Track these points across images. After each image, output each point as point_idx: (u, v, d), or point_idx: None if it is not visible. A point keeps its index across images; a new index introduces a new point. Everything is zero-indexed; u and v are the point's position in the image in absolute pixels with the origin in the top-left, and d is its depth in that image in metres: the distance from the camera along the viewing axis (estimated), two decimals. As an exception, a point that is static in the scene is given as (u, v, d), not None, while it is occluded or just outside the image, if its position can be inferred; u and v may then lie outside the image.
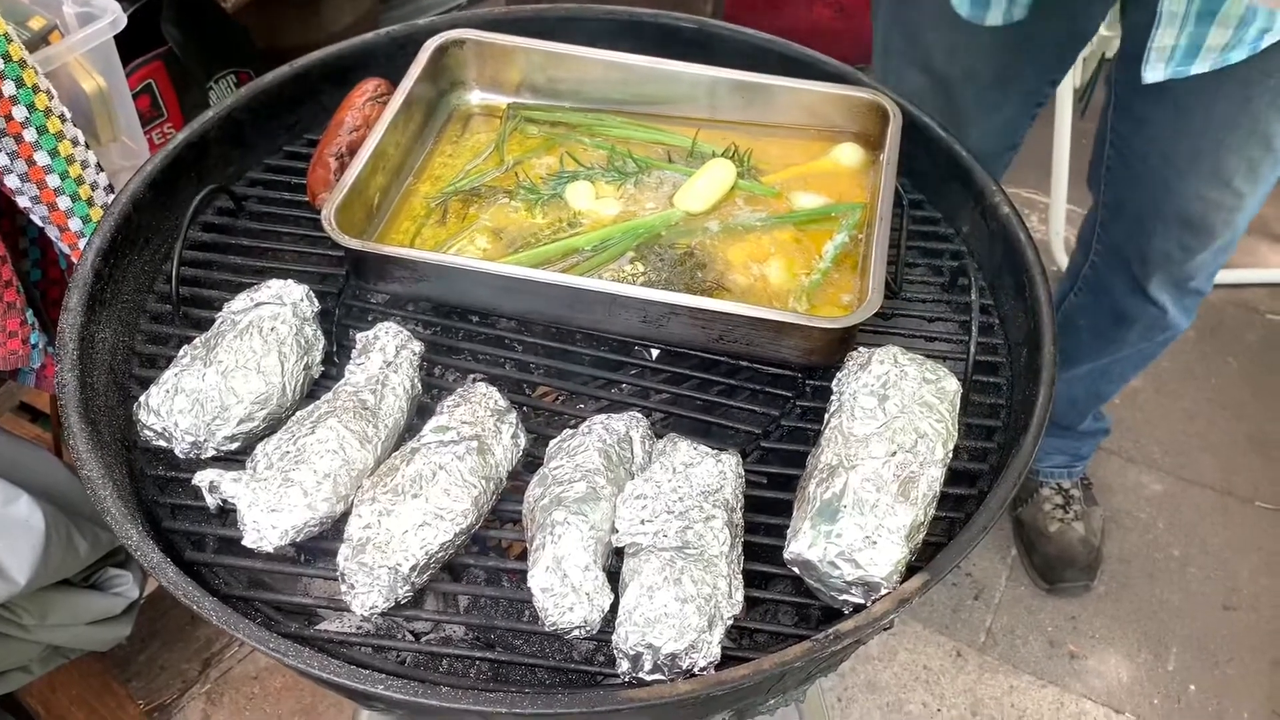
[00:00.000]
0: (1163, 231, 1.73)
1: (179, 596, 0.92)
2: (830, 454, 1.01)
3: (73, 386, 1.07)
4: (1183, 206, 1.67)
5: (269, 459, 0.99)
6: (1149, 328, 1.92)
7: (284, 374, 1.08)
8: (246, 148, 1.40)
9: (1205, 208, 1.66)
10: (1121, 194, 1.79)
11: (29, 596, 1.39)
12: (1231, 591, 2.33)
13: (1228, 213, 1.66)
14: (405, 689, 0.87)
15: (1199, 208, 1.66)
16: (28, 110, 1.27)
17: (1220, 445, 2.60)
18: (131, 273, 1.24)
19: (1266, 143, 1.53)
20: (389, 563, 0.93)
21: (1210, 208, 1.65)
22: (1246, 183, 1.61)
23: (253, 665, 2.19)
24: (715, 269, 1.24)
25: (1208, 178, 1.62)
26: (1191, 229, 1.70)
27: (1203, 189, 1.63)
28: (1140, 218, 1.76)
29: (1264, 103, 1.47)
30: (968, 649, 2.24)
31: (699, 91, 1.39)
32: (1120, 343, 1.98)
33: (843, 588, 0.95)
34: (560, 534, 0.93)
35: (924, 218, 1.38)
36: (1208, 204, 1.65)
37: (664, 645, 0.89)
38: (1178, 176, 1.64)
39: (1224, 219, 1.67)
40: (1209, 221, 1.68)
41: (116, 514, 0.97)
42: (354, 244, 1.15)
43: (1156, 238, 1.75)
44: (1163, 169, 1.65)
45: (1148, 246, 1.77)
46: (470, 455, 1.00)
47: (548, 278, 1.15)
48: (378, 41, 1.48)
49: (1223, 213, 1.66)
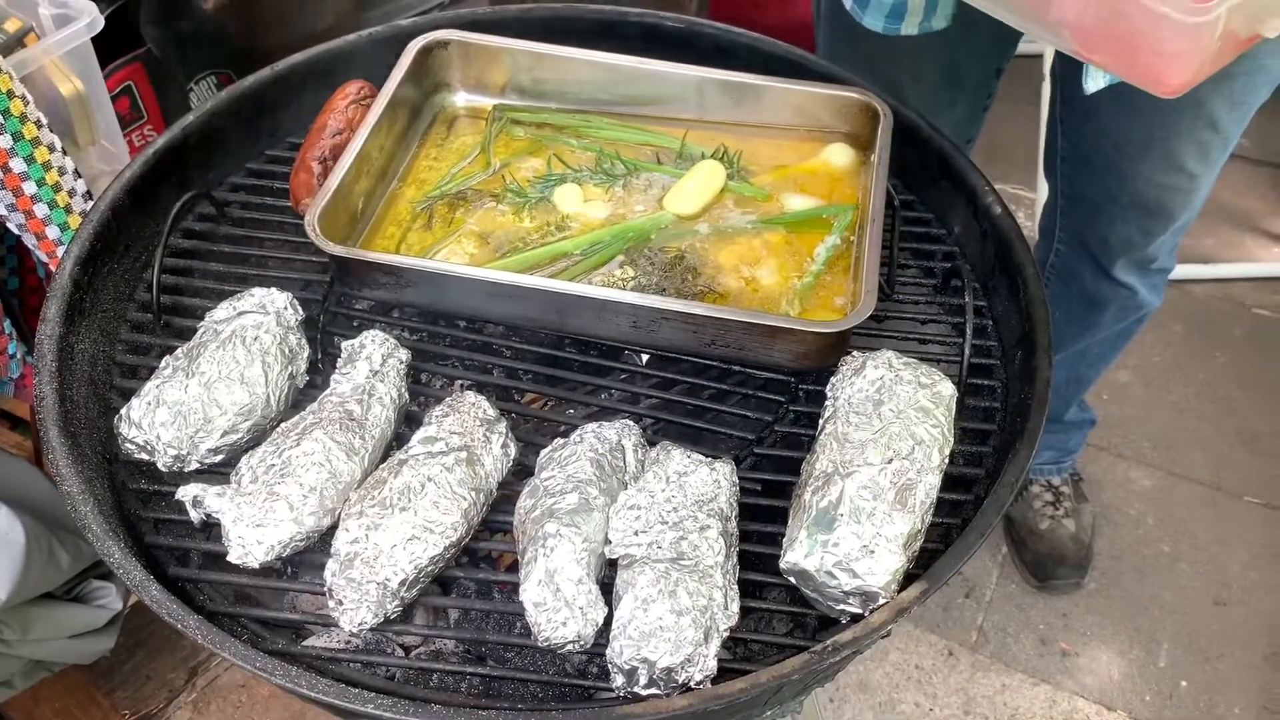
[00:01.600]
0: (1122, 217, 1.75)
1: (163, 615, 0.90)
2: (826, 461, 0.99)
3: (52, 399, 1.05)
4: (1139, 192, 1.69)
5: (254, 472, 0.97)
6: (1122, 308, 1.94)
7: (268, 384, 1.06)
8: (227, 152, 1.38)
9: (1161, 192, 1.67)
10: (1078, 183, 1.80)
11: (10, 611, 1.37)
12: (1222, 587, 2.33)
13: (1184, 195, 1.68)
14: (395, 707, 0.86)
15: (1155, 193, 1.68)
16: (2, 116, 1.25)
17: (1209, 440, 2.60)
18: (111, 281, 1.21)
19: (1213, 125, 1.54)
20: (377, 578, 0.91)
21: (1166, 192, 1.67)
22: (1199, 165, 1.62)
23: (240, 674, 2.17)
24: (706, 272, 1.23)
25: (1160, 163, 1.63)
26: (1150, 213, 1.72)
27: (1157, 175, 1.65)
28: (1098, 205, 1.78)
29: (1207, 88, 1.47)
30: (959, 648, 2.24)
31: (687, 92, 1.37)
32: (1096, 326, 2.00)
33: (840, 597, 0.93)
34: (552, 547, 0.92)
35: (915, 218, 1.37)
36: (1163, 189, 1.67)
37: (659, 659, 0.87)
38: (1130, 164, 1.66)
39: (1181, 201, 1.69)
40: (1166, 205, 1.70)
41: (98, 530, 0.95)
42: (338, 250, 1.13)
43: (1117, 224, 1.77)
44: (1115, 157, 1.67)
45: (1109, 232, 1.79)
46: (459, 466, 0.98)
47: (536, 283, 1.14)
48: (360, 43, 1.46)
49: (1179, 195, 1.68)
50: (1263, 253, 3.07)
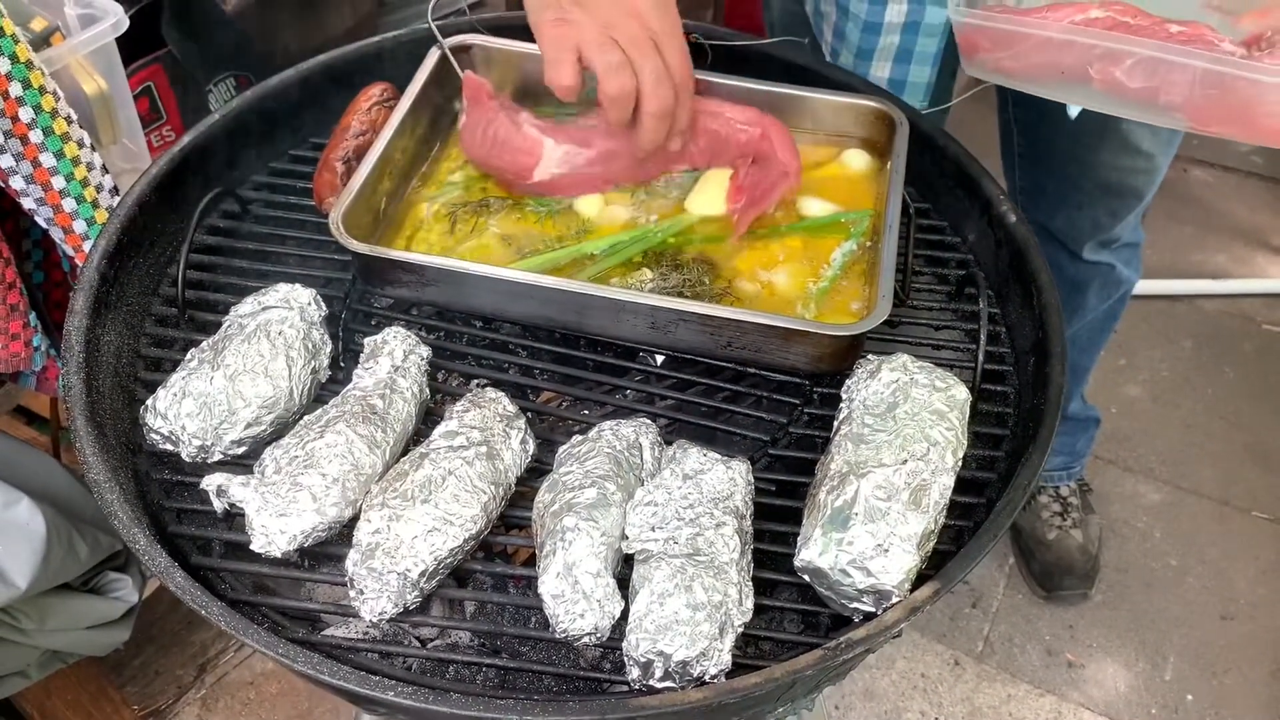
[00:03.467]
0: (1089, 202, 1.80)
1: (187, 601, 0.91)
2: (840, 461, 1.01)
3: (79, 389, 1.06)
4: (1102, 177, 1.74)
5: (277, 463, 0.99)
6: (1104, 285, 1.98)
7: (291, 378, 1.08)
8: (251, 151, 1.39)
9: (1123, 175, 1.73)
10: (1038, 177, 1.85)
11: (29, 601, 1.38)
12: (1229, 601, 2.33)
13: (1145, 175, 1.74)
14: (415, 695, 0.87)
15: (1117, 176, 1.73)
16: (34, 112, 1.26)
17: (1218, 455, 2.61)
18: (136, 276, 1.23)
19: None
20: (398, 568, 0.93)
21: (1128, 174, 1.73)
22: (1154, 145, 1.67)
23: (248, 671, 2.18)
24: (723, 275, 1.24)
25: (1118, 148, 1.68)
26: (1115, 195, 1.77)
27: (1115, 159, 1.70)
28: (1062, 195, 1.83)
29: None
30: (965, 657, 2.24)
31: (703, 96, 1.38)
32: (1083, 308, 2.03)
33: (854, 595, 0.94)
34: (571, 540, 0.93)
35: (930, 226, 1.38)
36: (1124, 171, 1.72)
37: (675, 653, 0.88)
38: (1090, 153, 1.70)
39: (1143, 180, 1.75)
40: (1131, 185, 1.75)
41: (124, 517, 0.97)
42: (362, 248, 1.15)
43: (1085, 208, 1.81)
44: (1073, 148, 1.71)
45: (1076, 217, 1.84)
46: (479, 460, 1.00)
47: (556, 283, 1.15)
48: (383, 45, 1.47)
49: (1140, 175, 1.73)
50: (1273, 269, 3.08)
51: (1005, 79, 1.23)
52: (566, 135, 1.29)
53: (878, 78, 1.42)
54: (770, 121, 1.28)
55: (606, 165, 1.30)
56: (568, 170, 1.29)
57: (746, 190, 1.26)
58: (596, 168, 1.29)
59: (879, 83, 1.42)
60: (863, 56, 1.41)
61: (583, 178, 1.30)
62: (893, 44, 1.37)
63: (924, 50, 1.36)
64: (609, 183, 1.32)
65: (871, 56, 1.40)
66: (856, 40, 1.40)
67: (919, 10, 1.35)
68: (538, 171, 1.28)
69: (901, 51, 1.38)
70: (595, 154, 1.29)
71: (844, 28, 1.43)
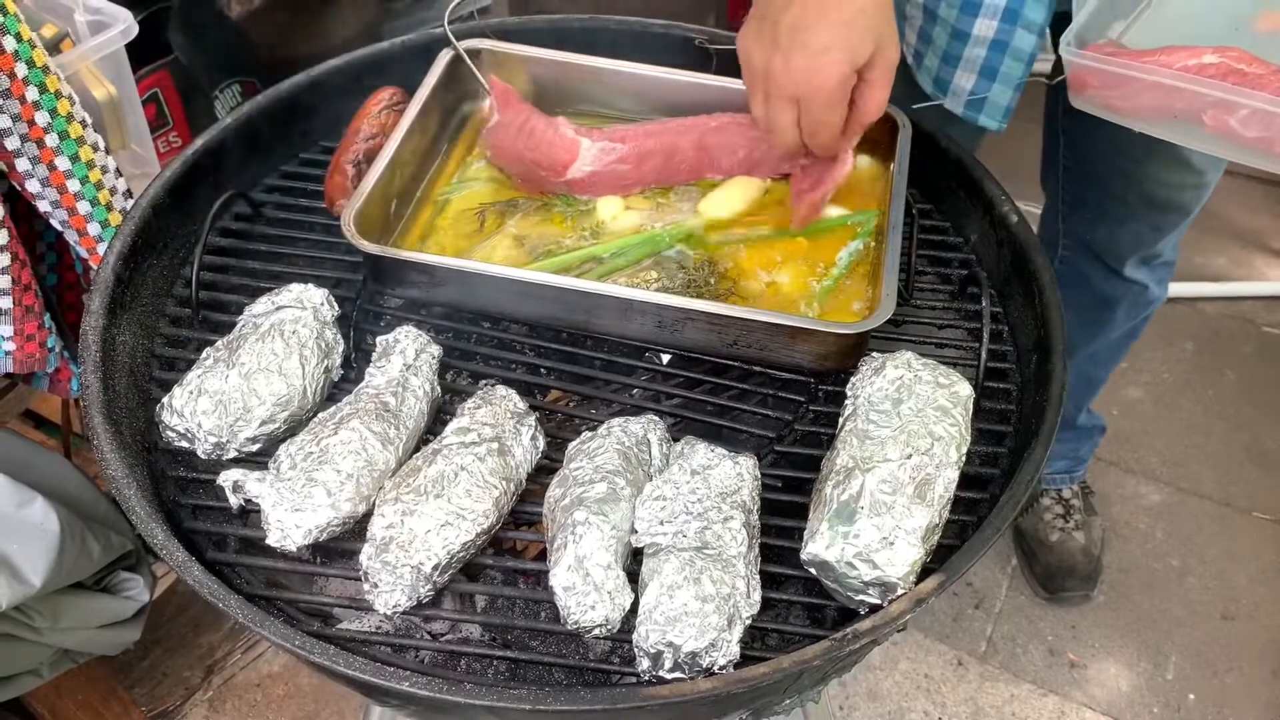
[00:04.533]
0: (1132, 216, 1.77)
1: (204, 594, 0.93)
2: (846, 456, 1.02)
3: (96, 388, 1.08)
4: (1149, 192, 1.71)
5: (292, 459, 1.00)
6: (1133, 305, 1.97)
7: (305, 376, 1.10)
8: (263, 154, 1.41)
9: (1170, 191, 1.70)
10: (1081, 189, 1.82)
11: (42, 599, 1.39)
12: (1230, 601, 2.34)
13: (1193, 191, 1.70)
14: (429, 685, 0.88)
15: (1164, 192, 1.70)
16: (50, 115, 1.28)
17: (1218, 456, 2.62)
18: (151, 277, 1.25)
19: None
20: (412, 561, 0.94)
21: (1175, 190, 1.69)
22: (1206, 162, 1.64)
23: (255, 673, 2.20)
24: (728, 276, 1.26)
25: (1167, 163, 1.65)
26: (1161, 209, 1.74)
27: (1165, 174, 1.67)
28: (1104, 209, 1.81)
29: None
30: (969, 658, 2.26)
31: (710, 100, 1.40)
32: (1109, 325, 2.02)
33: (860, 588, 0.96)
34: (582, 534, 0.94)
35: (933, 226, 1.40)
36: (1171, 187, 1.69)
37: (685, 643, 0.90)
38: (1137, 166, 1.67)
39: (1191, 196, 1.71)
40: (1178, 201, 1.72)
41: (141, 513, 0.98)
42: (374, 248, 1.16)
43: (1128, 223, 1.79)
44: (1120, 160, 1.69)
45: (1119, 231, 1.82)
46: (491, 456, 1.01)
47: (564, 283, 1.17)
48: (392, 50, 1.49)
49: (1188, 191, 1.70)
50: (1272, 271, 3.09)
51: (1113, 116, 1.23)
52: (601, 134, 1.34)
53: (960, 88, 1.40)
54: None
55: (637, 166, 1.33)
56: (599, 169, 1.33)
57: (807, 185, 1.29)
58: (628, 167, 1.33)
59: (960, 93, 1.40)
60: (949, 62, 1.39)
61: (613, 176, 1.34)
62: (978, 57, 1.34)
63: (1009, 72, 1.33)
64: (638, 184, 1.35)
65: (957, 64, 1.37)
66: (944, 45, 1.37)
67: (1009, 31, 1.33)
68: (573, 169, 1.32)
69: (987, 68, 1.36)
70: (627, 153, 1.33)
71: (930, 32, 1.42)
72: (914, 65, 1.49)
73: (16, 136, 1.27)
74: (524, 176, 1.35)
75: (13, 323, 1.35)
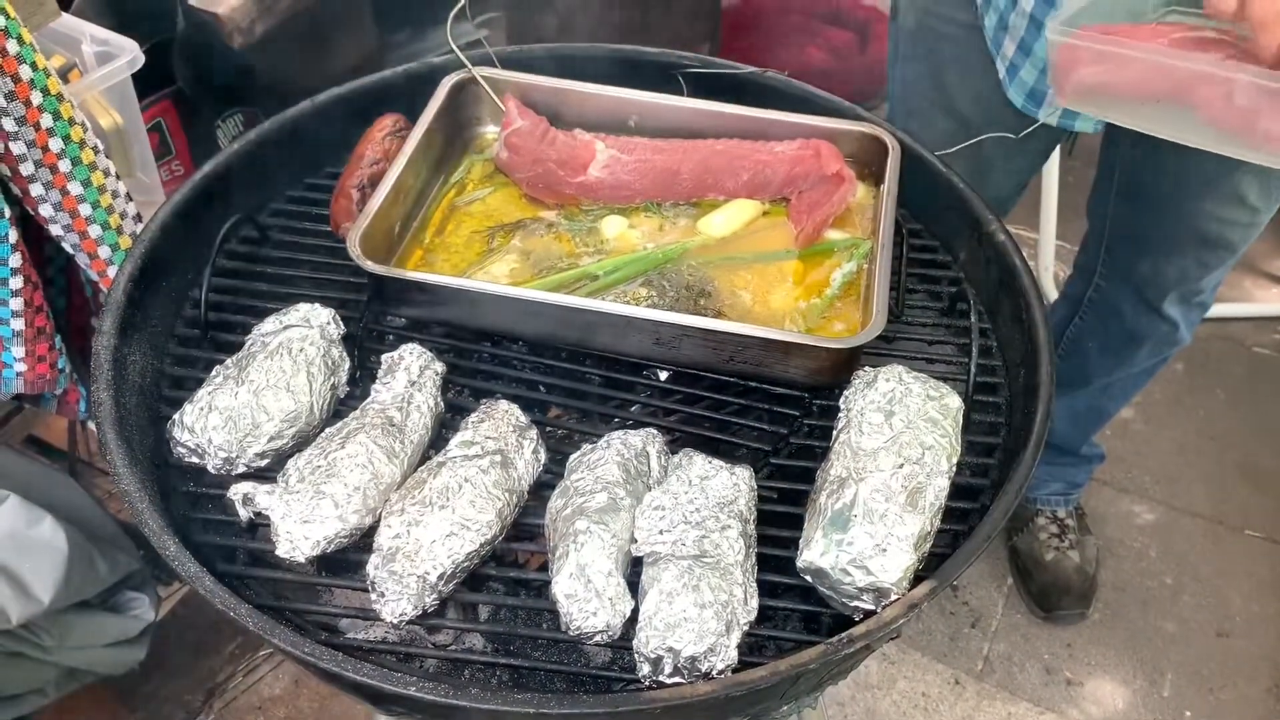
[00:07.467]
0: (1181, 251, 1.75)
1: (216, 604, 0.95)
2: (840, 467, 1.05)
3: (108, 405, 1.11)
4: (1200, 227, 1.69)
5: (300, 473, 1.03)
6: (1159, 344, 1.96)
7: (312, 393, 1.12)
8: (269, 179, 1.45)
9: (1222, 227, 1.68)
10: (1131, 221, 1.81)
11: (50, 617, 1.42)
12: (1225, 619, 2.36)
13: (1245, 228, 1.69)
14: (435, 691, 0.90)
15: (1216, 227, 1.68)
16: (64, 142, 1.32)
17: (1210, 475, 2.65)
18: (160, 298, 1.28)
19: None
20: (418, 571, 0.97)
21: (1227, 226, 1.68)
22: (1261, 199, 1.63)
23: (256, 695, 2.20)
24: (719, 295, 1.29)
25: (1223, 199, 1.63)
26: (1210, 246, 1.72)
27: (1218, 210, 1.65)
28: (1151, 241, 1.79)
29: None
30: (966, 676, 2.27)
31: (704, 125, 1.44)
32: (1131, 361, 2.02)
33: (854, 594, 0.98)
34: (583, 542, 0.97)
35: (922, 245, 1.43)
36: (1224, 223, 1.67)
37: (684, 648, 0.92)
38: (1193, 201, 1.66)
39: (1242, 234, 1.70)
40: (1228, 238, 1.70)
41: (154, 526, 1.00)
42: (379, 269, 1.20)
43: (1174, 257, 1.77)
44: (1175, 194, 1.67)
45: (1164, 265, 1.79)
46: (494, 469, 1.04)
47: (561, 300, 1.20)
48: (394, 79, 1.53)
49: (1240, 229, 1.69)
50: (1261, 293, 3.13)
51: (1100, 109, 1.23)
52: (612, 141, 1.41)
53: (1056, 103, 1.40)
54: (818, 142, 1.38)
55: (641, 178, 1.39)
56: (608, 176, 1.39)
57: (808, 206, 1.33)
58: (632, 177, 1.39)
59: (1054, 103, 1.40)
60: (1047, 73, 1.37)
61: (618, 185, 1.39)
62: None
63: None
64: (640, 196, 1.40)
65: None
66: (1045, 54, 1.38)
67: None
68: (591, 168, 1.39)
69: None
70: (633, 164, 1.39)
71: (1032, 44, 1.42)
72: (1006, 80, 1.50)
73: (31, 162, 1.31)
74: (538, 180, 1.39)
75: (24, 344, 1.38)
